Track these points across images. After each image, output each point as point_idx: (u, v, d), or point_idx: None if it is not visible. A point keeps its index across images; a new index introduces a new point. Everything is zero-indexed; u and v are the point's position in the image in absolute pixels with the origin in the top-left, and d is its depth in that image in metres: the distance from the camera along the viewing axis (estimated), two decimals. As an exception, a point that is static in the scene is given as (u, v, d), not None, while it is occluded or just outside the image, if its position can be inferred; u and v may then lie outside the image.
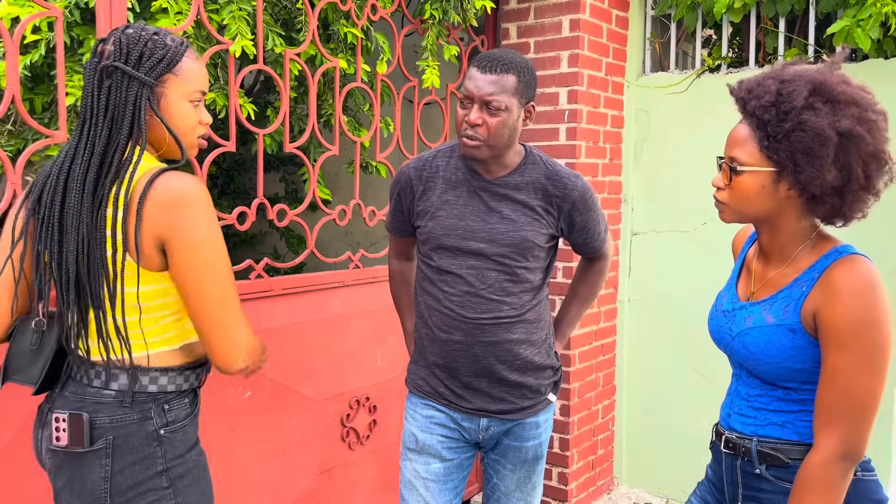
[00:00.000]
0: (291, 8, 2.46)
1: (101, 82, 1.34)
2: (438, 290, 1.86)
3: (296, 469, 2.51)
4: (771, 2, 2.98)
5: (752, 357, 1.41)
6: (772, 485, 1.39)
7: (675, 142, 3.30)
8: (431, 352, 1.89)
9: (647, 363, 3.47)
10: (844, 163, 1.29)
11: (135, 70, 1.33)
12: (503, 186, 1.83)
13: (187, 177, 1.33)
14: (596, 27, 3.18)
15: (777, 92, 1.33)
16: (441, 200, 1.85)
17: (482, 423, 1.90)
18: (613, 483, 3.60)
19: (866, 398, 1.28)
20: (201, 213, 1.32)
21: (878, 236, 2.78)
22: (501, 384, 1.86)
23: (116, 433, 1.34)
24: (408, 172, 1.92)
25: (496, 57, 1.75)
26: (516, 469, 1.96)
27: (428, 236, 1.86)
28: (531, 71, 1.80)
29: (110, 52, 1.34)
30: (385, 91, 2.83)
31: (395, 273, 2.12)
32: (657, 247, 3.40)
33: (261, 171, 2.38)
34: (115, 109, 1.33)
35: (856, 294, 1.27)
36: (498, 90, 1.72)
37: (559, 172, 1.87)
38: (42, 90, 2.14)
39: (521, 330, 1.85)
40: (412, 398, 1.98)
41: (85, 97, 1.36)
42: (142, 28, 1.37)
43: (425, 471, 1.91)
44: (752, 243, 1.54)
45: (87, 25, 1.98)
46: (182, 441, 1.41)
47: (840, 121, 1.28)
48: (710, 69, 3.25)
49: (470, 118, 1.74)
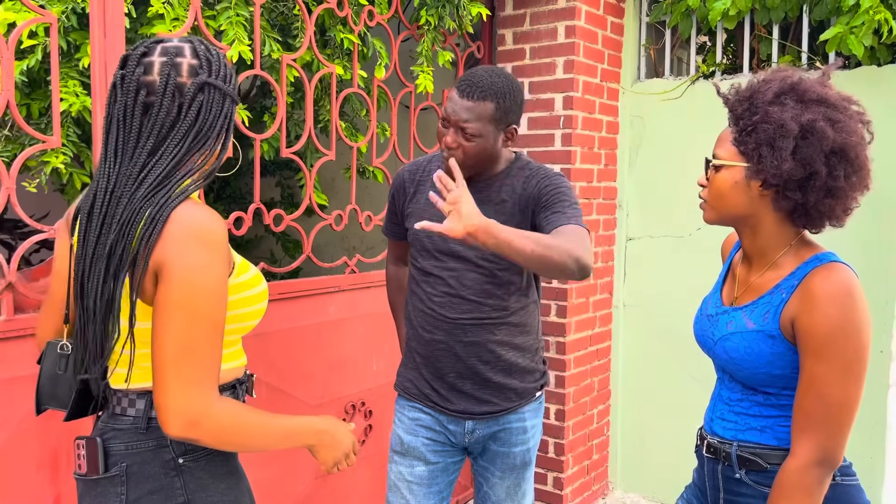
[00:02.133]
0: (288, 14, 2.46)
1: (194, 98, 1.21)
2: (423, 291, 1.89)
3: (291, 474, 2.51)
4: (765, 9, 3.00)
5: (732, 362, 1.42)
6: (751, 489, 1.40)
7: (670, 148, 3.32)
8: (418, 352, 1.92)
9: (642, 368, 3.48)
10: (805, 156, 1.30)
11: (228, 85, 1.25)
12: (486, 189, 1.84)
13: (212, 213, 1.22)
14: (591, 33, 3.19)
15: (754, 88, 1.37)
16: (428, 202, 1.87)
17: (467, 426, 1.90)
18: (608, 488, 3.60)
19: (843, 405, 1.29)
20: (209, 254, 1.18)
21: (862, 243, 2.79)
22: (486, 386, 1.87)
23: (131, 460, 1.26)
24: (402, 175, 1.97)
25: (476, 81, 1.72)
26: (505, 476, 1.95)
27: (413, 238, 1.90)
28: (514, 95, 1.76)
29: (194, 66, 1.22)
30: (382, 96, 2.83)
31: (391, 278, 2.15)
32: (652, 252, 3.41)
33: (257, 176, 2.38)
34: (206, 128, 1.23)
35: (834, 302, 1.28)
36: (473, 117, 1.71)
37: (534, 171, 1.85)
38: (39, 95, 2.14)
39: (505, 332, 1.86)
40: (400, 400, 1.99)
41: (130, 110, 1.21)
42: (202, 41, 1.28)
43: (409, 473, 1.92)
44: (739, 248, 1.55)
45: (84, 31, 1.99)
46: (208, 471, 1.30)
47: (803, 115, 1.30)
48: (705, 76, 3.26)
49: (446, 140, 1.75)
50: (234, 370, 1.38)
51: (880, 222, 2.77)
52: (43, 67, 2.01)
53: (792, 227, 1.40)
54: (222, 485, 1.32)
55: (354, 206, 2.72)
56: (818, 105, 1.32)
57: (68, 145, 2.01)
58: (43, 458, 1.83)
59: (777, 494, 1.31)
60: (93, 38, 1.89)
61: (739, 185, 1.37)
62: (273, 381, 2.40)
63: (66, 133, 2.01)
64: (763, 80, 1.38)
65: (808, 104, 1.32)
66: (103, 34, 1.90)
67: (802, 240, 1.41)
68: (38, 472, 1.82)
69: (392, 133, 2.86)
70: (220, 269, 1.19)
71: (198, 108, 1.22)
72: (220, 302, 1.20)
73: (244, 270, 1.34)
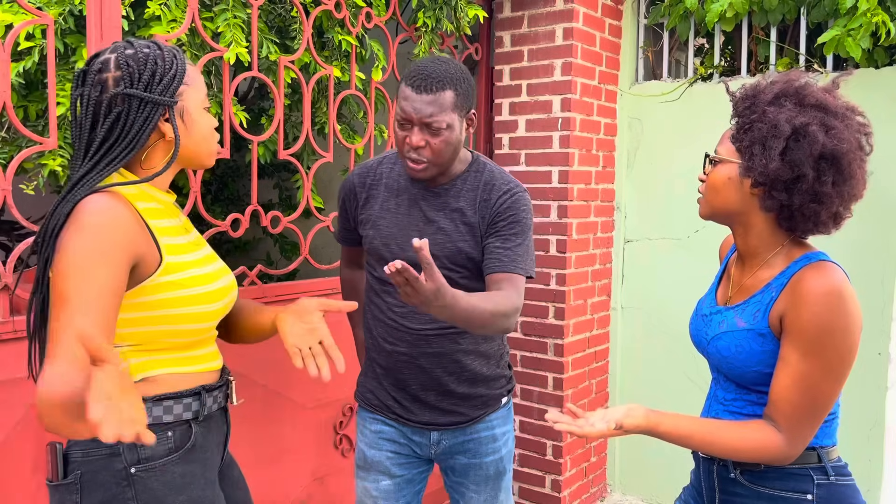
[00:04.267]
0: (286, 16, 2.46)
1: (109, 110, 1.28)
2: (382, 301, 1.81)
3: (288, 476, 2.50)
4: (762, 11, 3.01)
5: (724, 361, 1.43)
6: (747, 489, 1.41)
7: (668, 150, 3.32)
8: (378, 363, 1.85)
9: (640, 370, 3.48)
10: (793, 158, 1.31)
11: (149, 93, 1.28)
12: (443, 195, 1.76)
13: (100, 199, 1.23)
14: (589, 36, 3.19)
15: (758, 89, 1.39)
16: (383, 209, 1.80)
17: (433, 437, 1.84)
18: (606, 490, 3.60)
19: (825, 401, 1.32)
20: (76, 235, 1.19)
21: (859, 246, 2.80)
22: (450, 397, 1.81)
23: (86, 468, 1.25)
24: (352, 180, 1.88)
25: (429, 73, 1.63)
26: (480, 489, 1.88)
27: (369, 246, 1.82)
28: (467, 79, 1.69)
29: (117, 78, 1.28)
30: (379, 98, 2.83)
31: (344, 281, 2.08)
32: (650, 254, 3.41)
33: (255, 178, 2.38)
34: (126, 135, 1.28)
35: (822, 301, 1.29)
36: (437, 110, 1.62)
37: (495, 179, 1.76)
38: (36, 97, 2.13)
39: (469, 340, 1.79)
40: (361, 413, 1.92)
41: (82, 124, 1.29)
42: (139, 45, 1.32)
43: (375, 489, 1.86)
44: (735, 250, 1.56)
45: (81, 33, 1.98)
46: (163, 483, 1.27)
47: (798, 117, 1.32)
48: (703, 78, 3.27)
49: (412, 141, 1.64)
50: (189, 376, 1.34)
51: (877, 226, 2.77)
52: (40, 69, 2.00)
53: (786, 229, 1.41)
54: (181, 497, 1.28)
55: (352, 209, 2.72)
56: (816, 110, 1.33)
57: (65, 147, 2.01)
58: (39, 461, 1.82)
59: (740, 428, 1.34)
60: (90, 41, 1.89)
61: (733, 182, 1.39)
62: (269, 384, 2.40)
63: (62, 135, 2.00)
64: (770, 82, 1.40)
65: (806, 108, 1.33)
66: (100, 36, 1.90)
67: (794, 240, 1.42)
68: (35, 474, 1.81)
69: (389, 135, 2.85)
70: (83, 251, 1.17)
71: (115, 117, 1.27)
72: (80, 281, 1.16)
73: (178, 269, 1.31)
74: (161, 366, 1.32)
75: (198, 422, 1.35)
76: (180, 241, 1.37)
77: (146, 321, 1.28)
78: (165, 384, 1.32)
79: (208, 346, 1.42)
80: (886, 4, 2.71)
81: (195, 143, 1.38)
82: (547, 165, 3.18)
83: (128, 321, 1.27)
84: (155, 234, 1.30)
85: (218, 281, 1.40)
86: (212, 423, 1.41)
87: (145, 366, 1.30)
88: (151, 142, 1.33)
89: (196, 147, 1.38)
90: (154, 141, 1.33)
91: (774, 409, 1.33)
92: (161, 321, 1.29)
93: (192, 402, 1.34)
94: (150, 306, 1.27)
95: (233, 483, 1.51)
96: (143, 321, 1.28)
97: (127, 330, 1.27)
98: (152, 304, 1.27)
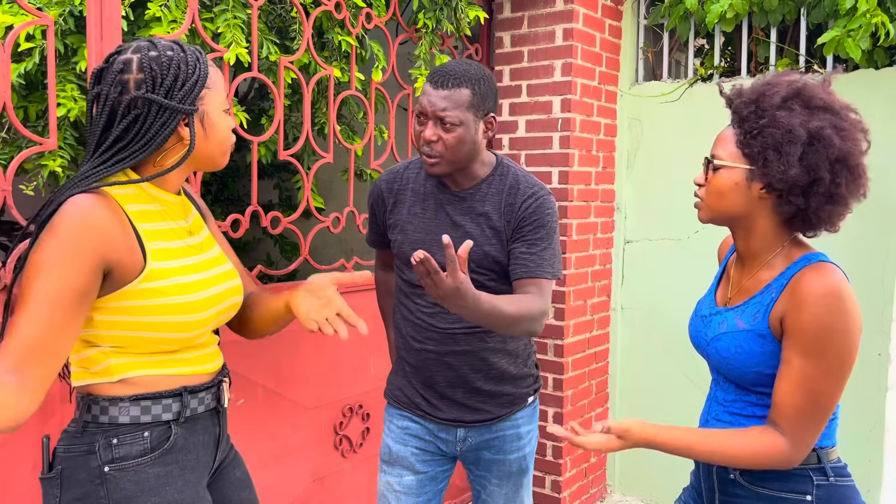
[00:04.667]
0: (286, 16, 2.46)
1: (128, 112, 1.26)
2: (411, 303, 1.85)
3: (289, 477, 2.51)
4: (762, 12, 3.01)
5: (724, 362, 1.43)
6: (746, 490, 1.41)
7: (668, 150, 3.32)
8: (408, 361, 1.89)
9: (640, 371, 3.48)
10: (811, 163, 1.31)
11: (170, 99, 1.27)
12: (468, 199, 1.79)
13: (81, 201, 1.21)
14: (589, 36, 3.19)
15: (760, 92, 1.38)
16: (410, 213, 1.84)
17: (459, 434, 1.88)
18: (606, 491, 3.60)
19: (827, 403, 1.31)
20: (47, 236, 1.18)
21: (859, 247, 2.80)
22: (478, 394, 1.84)
23: (66, 464, 1.26)
24: (379, 185, 1.92)
25: (449, 71, 1.70)
26: (502, 484, 1.93)
27: (398, 250, 1.86)
28: (488, 82, 1.74)
29: (139, 81, 1.27)
30: (379, 99, 2.83)
31: (379, 283, 2.12)
32: (650, 255, 3.42)
33: (255, 179, 2.38)
34: (142, 137, 1.27)
35: (822, 301, 1.29)
36: (451, 105, 1.67)
37: (519, 183, 1.79)
38: (36, 98, 2.14)
39: (496, 338, 1.82)
40: (389, 409, 1.97)
41: (96, 122, 1.28)
42: (163, 47, 1.30)
43: (398, 483, 1.89)
44: (734, 251, 1.56)
45: (81, 34, 1.98)
46: (135, 483, 1.26)
47: (811, 121, 1.31)
48: (703, 78, 3.27)
49: (425, 134, 1.70)
50: (171, 377, 1.34)
51: (877, 226, 2.77)
52: (40, 70, 2.00)
53: (786, 229, 1.41)
54: (153, 498, 1.28)
55: (352, 209, 2.72)
56: (824, 112, 1.33)
57: (65, 148, 2.01)
58: (39, 461, 1.83)
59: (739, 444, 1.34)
60: (90, 42, 1.89)
61: (740, 187, 1.37)
62: (270, 384, 2.40)
63: (62, 136, 2.00)
64: (768, 84, 1.39)
65: (815, 110, 1.33)
66: (100, 37, 1.90)
67: (794, 241, 1.42)
68: (34, 473, 1.81)
69: (390, 136, 2.85)
70: (49, 254, 1.16)
71: (132, 119, 1.26)
72: (40, 284, 1.15)
73: (162, 276, 1.29)
74: (142, 367, 1.30)
75: (179, 423, 1.33)
76: (174, 244, 1.34)
77: (126, 326, 1.27)
78: (144, 385, 1.30)
79: (200, 349, 1.40)
80: (886, 5, 2.71)
81: (211, 147, 1.37)
82: (547, 166, 3.18)
83: (108, 324, 1.26)
84: (143, 237, 1.28)
85: (208, 289, 1.36)
86: (198, 425, 1.38)
87: (126, 367, 1.29)
88: (169, 144, 1.32)
89: (212, 149, 1.38)
90: (171, 144, 1.32)
91: (777, 412, 1.33)
92: (141, 327, 1.27)
93: (173, 402, 1.32)
94: (131, 311, 1.26)
95: (233, 483, 1.51)
96: (123, 325, 1.27)
97: (107, 332, 1.27)
98: (133, 309, 1.26)
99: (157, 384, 1.31)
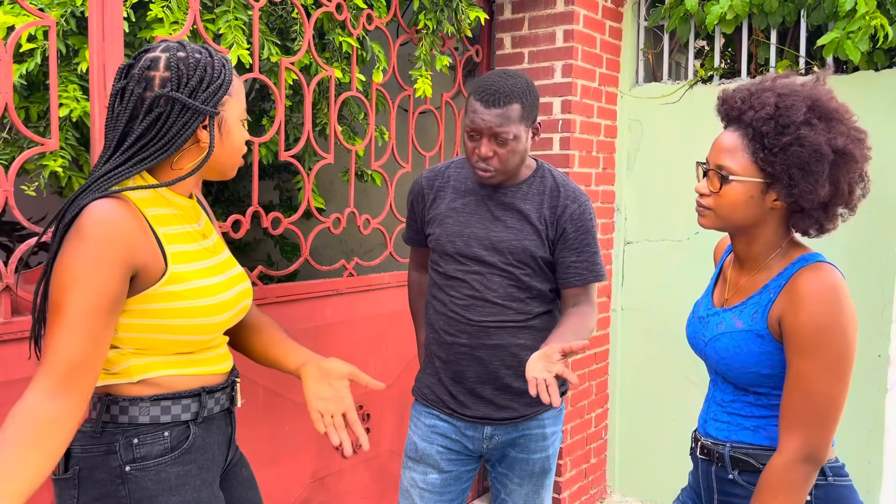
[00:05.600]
0: (287, 17, 2.47)
1: (151, 109, 1.26)
2: (445, 295, 1.88)
3: (289, 477, 2.51)
4: (762, 14, 3.01)
5: (722, 362, 1.44)
6: (745, 490, 1.41)
7: (668, 152, 3.32)
8: (438, 356, 1.91)
9: (640, 372, 3.48)
10: (835, 178, 1.32)
11: (194, 99, 1.27)
12: (509, 197, 1.85)
13: (105, 206, 1.21)
14: (589, 38, 3.20)
15: (776, 105, 1.35)
16: (449, 208, 1.89)
17: (486, 432, 1.89)
18: (606, 492, 3.60)
19: (829, 402, 1.31)
20: (76, 244, 1.17)
21: (858, 247, 2.80)
22: (506, 391, 1.86)
23: (84, 464, 1.26)
24: (420, 182, 1.98)
25: (498, 88, 1.72)
26: (524, 483, 1.95)
27: (435, 243, 1.90)
28: (533, 91, 1.79)
29: (165, 79, 1.27)
30: (380, 100, 2.84)
31: (412, 284, 2.15)
32: (650, 256, 3.42)
33: (256, 180, 2.38)
34: (163, 137, 1.27)
35: (819, 300, 1.30)
36: (505, 122, 1.72)
37: (560, 187, 1.87)
38: (37, 98, 2.14)
39: (528, 336, 1.85)
40: (417, 406, 1.98)
41: (118, 117, 1.28)
42: (191, 50, 1.31)
43: (422, 480, 1.91)
44: (730, 251, 1.56)
45: (83, 35, 1.99)
46: (156, 482, 1.27)
47: (836, 138, 1.31)
48: (703, 80, 3.27)
49: (481, 152, 1.75)
50: (190, 377, 1.35)
51: (877, 227, 2.78)
52: (42, 71, 2.01)
53: (788, 232, 1.41)
54: (174, 497, 1.28)
55: (353, 210, 2.73)
56: (839, 123, 1.34)
57: (67, 148, 2.02)
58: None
59: (763, 489, 1.32)
60: (92, 42, 1.90)
61: (755, 199, 1.38)
62: (270, 385, 2.40)
63: (64, 136, 2.01)
64: (780, 96, 1.36)
65: (833, 124, 1.33)
66: (102, 38, 1.90)
67: (792, 242, 1.43)
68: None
69: (390, 137, 2.86)
70: (81, 262, 1.16)
71: (155, 116, 1.26)
72: (74, 294, 1.15)
73: (182, 279, 1.30)
74: (162, 368, 1.31)
75: (197, 423, 1.35)
76: (191, 248, 1.35)
77: (147, 328, 1.28)
78: (164, 385, 1.32)
79: (215, 350, 1.41)
80: (885, 7, 2.71)
81: (225, 155, 1.38)
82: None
83: (130, 326, 1.27)
84: (162, 241, 1.28)
85: (225, 292, 1.38)
86: (213, 425, 1.40)
87: (146, 367, 1.30)
88: (186, 146, 1.32)
89: (225, 158, 1.39)
90: (189, 146, 1.33)
91: (781, 415, 1.34)
92: (162, 330, 1.28)
93: (191, 403, 1.34)
94: (153, 314, 1.27)
95: (241, 482, 1.52)
96: (144, 328, 1.28)
97: (129, 335, 1.27)
98: (154, 312, 1.27)
99: (176, 384, 1.32)
